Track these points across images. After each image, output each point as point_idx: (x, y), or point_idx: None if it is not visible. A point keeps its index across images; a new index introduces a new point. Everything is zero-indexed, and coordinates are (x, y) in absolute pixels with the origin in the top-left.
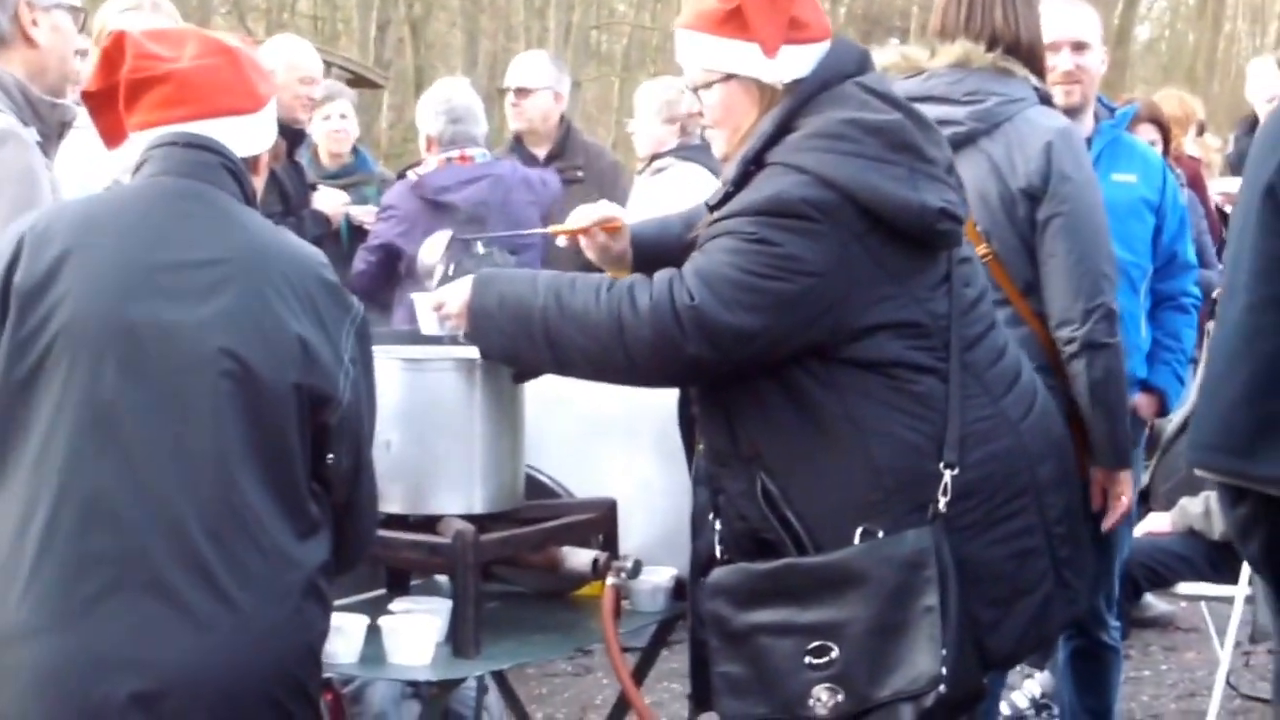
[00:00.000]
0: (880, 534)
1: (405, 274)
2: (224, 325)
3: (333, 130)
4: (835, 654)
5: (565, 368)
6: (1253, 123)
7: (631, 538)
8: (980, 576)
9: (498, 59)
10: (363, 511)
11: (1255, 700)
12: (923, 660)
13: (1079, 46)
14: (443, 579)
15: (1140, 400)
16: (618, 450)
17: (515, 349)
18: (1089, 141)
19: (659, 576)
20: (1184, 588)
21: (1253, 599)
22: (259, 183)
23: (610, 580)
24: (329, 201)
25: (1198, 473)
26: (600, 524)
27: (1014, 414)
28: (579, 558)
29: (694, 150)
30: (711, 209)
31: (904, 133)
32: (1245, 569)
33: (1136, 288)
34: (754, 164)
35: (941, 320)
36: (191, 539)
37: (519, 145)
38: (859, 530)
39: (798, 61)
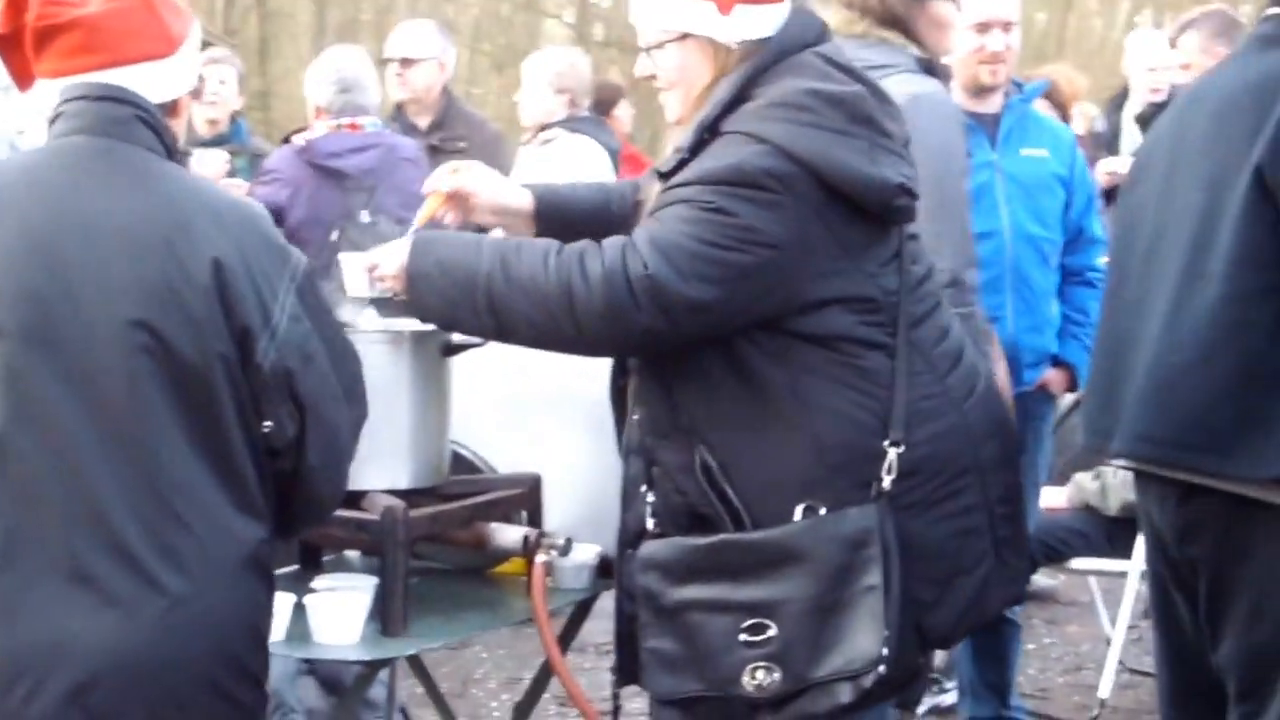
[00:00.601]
0: (822, 511)
1: (288, 239)
2: (138, 297)
3: (210, 93)
4: (773, 632)
5: (508, 335)
6: (1122, 98)
7: (554, 514)
8: (922, 555)
9: (345, 29)
10: (309, 484)
11: (1142, 674)
12: (864, 640)
13: (1008, 26)
14: (354, 554)
15: (1051, 376)
16: (541, 425)
17: (455, 315)
18: (999, 118)
19: (583, 554)
20: (1077, 563)
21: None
22: (180, 125)
23: (540, 557)
24: (209, 165)
25: (1137, 466)
26: (525, 500)
27: (958, 393)
28: (508, 535)
29: (582, 122)
30: (663, 175)
31: (865, 105)
32: (1140, 544)
33: (1048, 262)
34: (710, 131)
35: (891, 296)
36: (114, 524)
37: (400, 115)
38: (800, 507)
39: (752, 21)
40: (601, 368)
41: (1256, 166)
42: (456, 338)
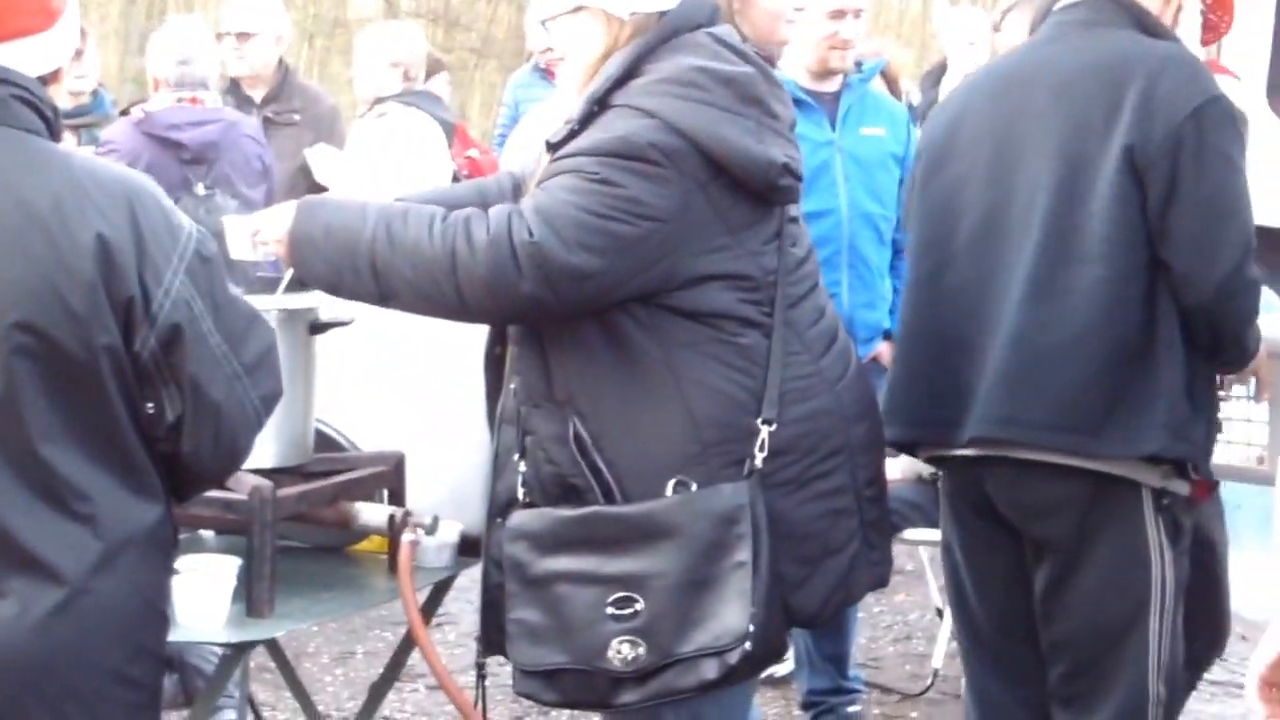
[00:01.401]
0: (694, 487)
1: None
2: (19, 297)
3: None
4: (640, 606)
5: (390, 300)
6: (939, 73)
7: (415, 491)
8: (791, 534)
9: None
10: (189, 465)
11: None
12: (731, 616)
13: (859, 13)
14: (208, 534)
15: (883, 349)
16: (403, 403)
17: (338, 279)
18: (838, 96)
19: (446, 533)
20: (908, 533)
21: None
22: (59, 90)
23: (407, 536)
24: None
25: (998, 452)
26: (389, 478)
27: (832, 374)
28: (374, 514)
29: (417, 96)
30: (552, 146)
31: (754, 86)
32: None
33: (884, 240)
34: (599, 104)
35: (770, 276)
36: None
37: (235, 87)
38: (672, 482)
39: None
40: (465, 345)
41: (1126, 147)
42: (324, 316)
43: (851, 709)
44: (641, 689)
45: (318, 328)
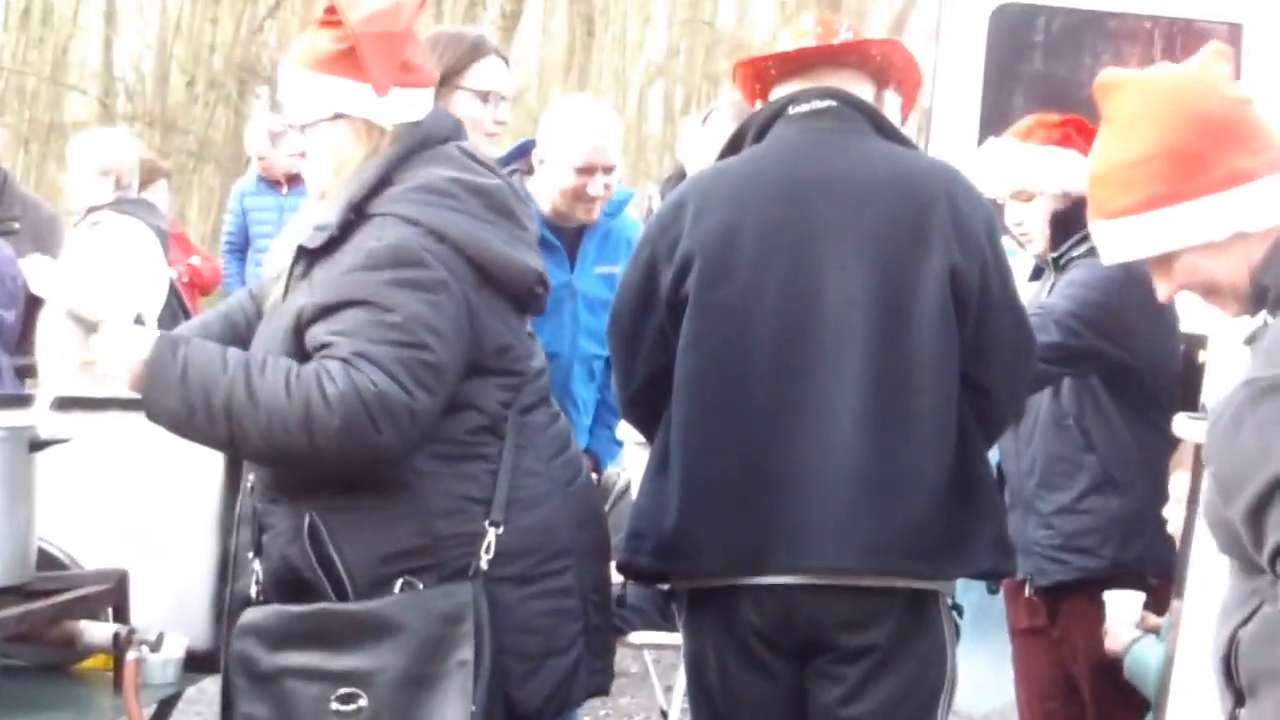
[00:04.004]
0: (421, 586)
1: None
2: None
3: None
4: (363, 703)
5: (238, 444)
6: (679, 178)
7: (142, 607)
8: (516, 627)
9: None
10: None
11: None
12: (451, 714)
13: (610, 169)
14: None
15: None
16: (127, 519)
17: (190, 418)
18: (581, 233)
19: (171, 648)
20: (635, 637)
21: None
22: None
23: (131, 654)
24: None
25: (840, 581)
26: (112, 595)
27: (561, 477)
28: (98, 632)
29: (131, 204)
30: (311, 253)
31: (504, 197)
32: None
33: (594, 377)
34: (356, 212)
35: (514, 379)
36: None
37: None
38: (400, 581)
39: (407, 104)
40: (186, 457)
41: (952, 269)
42: (44, 433)
43: None
44: None
45: (38, 445)
